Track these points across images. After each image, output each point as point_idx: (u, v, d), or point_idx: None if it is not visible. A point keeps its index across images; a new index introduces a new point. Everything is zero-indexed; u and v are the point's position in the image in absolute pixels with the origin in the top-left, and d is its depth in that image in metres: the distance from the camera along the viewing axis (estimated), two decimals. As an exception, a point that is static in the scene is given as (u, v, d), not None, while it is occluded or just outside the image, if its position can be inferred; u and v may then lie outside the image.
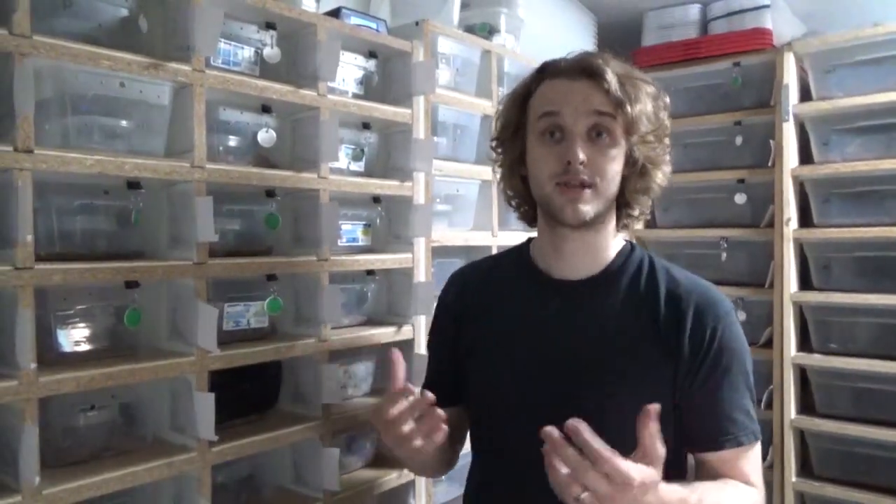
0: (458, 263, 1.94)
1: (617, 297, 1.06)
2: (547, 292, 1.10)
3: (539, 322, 1.09)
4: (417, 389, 0.97)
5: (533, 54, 2.04)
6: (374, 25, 1.67)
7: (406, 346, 1.70)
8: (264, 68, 1.44)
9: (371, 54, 1.66)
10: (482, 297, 1.18)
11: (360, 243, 1.67)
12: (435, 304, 1.28)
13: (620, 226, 1.12)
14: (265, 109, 1.45)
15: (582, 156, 0.98)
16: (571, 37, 2.50)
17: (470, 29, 2.02)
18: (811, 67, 2.15)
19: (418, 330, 1.71)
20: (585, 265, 1.08)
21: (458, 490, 1.61)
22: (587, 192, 1.00)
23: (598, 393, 1.02)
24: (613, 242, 1.10)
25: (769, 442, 2.14)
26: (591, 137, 1.00)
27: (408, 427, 0.94)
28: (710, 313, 1.03)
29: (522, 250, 1.18)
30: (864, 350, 2.04)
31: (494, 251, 1.92)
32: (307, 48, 1.49)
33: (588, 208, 1.00)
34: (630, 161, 1.04)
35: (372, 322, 1.70)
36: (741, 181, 2.28)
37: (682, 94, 2.40)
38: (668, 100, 1.09)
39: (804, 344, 2.19)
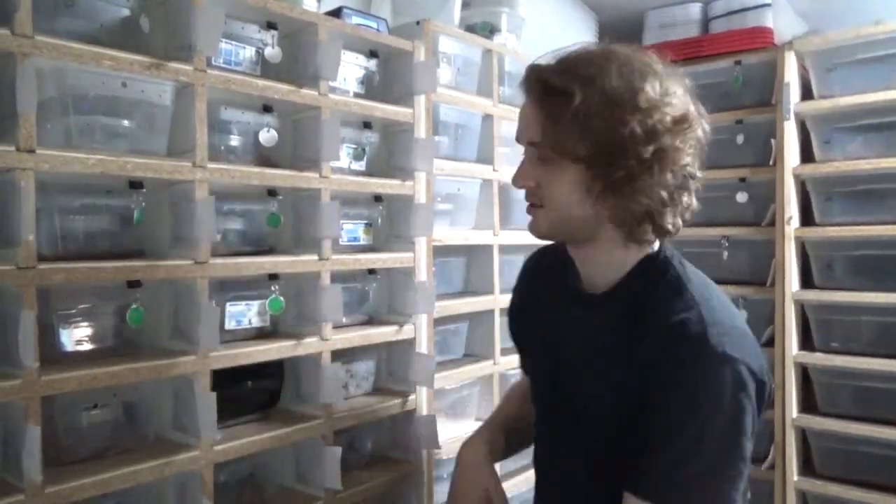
0: (459, 263, 1.95)
1: (612, 317, 0.99)
2: (572, 300, 1.08)
3: (556, 324, 1.09)
4: None
5: (534, 53, 2.03)
6: (375, 25, 1.67)
7: (407, 345, 1.71)
8: (266, 68, 1.44)
9: (372, 54, 1.66)
10: (536, 292, 1.19)
11: (362, 242, 1.67)
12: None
13: (630, 240, 0.96)
14: (266, 109, 1.45)
15: (524, 181, 0.98)
16: (572, 35, 2.50)
17: (471, 28, 2.03)
18: (812, 66, 2.14)
19: (419, 329, 1.71)
20: (598, 279, 1.02)
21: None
22: (539, 210, 0.99)
23: (579, 412, 1.02)
24: (630, 258, 0.99)
25: (770, 440, 2.15)
26: (541, 159, 0.96)
27: None
28: (665, 346, 0.90)
29: None
30: (865, 349, 2.04)
31: (496, 250, 1.92)
32: (308, 48, 1.49)
33: (542, 225, 0.99)
34: (594, 180, 0.91)
35: (373, 321, 1.70)
36: (742, 180, 2.27)
37: (683, 93, 2.39)
38: (671, 102, 0.89)
39: (806, 342, 2.18)
